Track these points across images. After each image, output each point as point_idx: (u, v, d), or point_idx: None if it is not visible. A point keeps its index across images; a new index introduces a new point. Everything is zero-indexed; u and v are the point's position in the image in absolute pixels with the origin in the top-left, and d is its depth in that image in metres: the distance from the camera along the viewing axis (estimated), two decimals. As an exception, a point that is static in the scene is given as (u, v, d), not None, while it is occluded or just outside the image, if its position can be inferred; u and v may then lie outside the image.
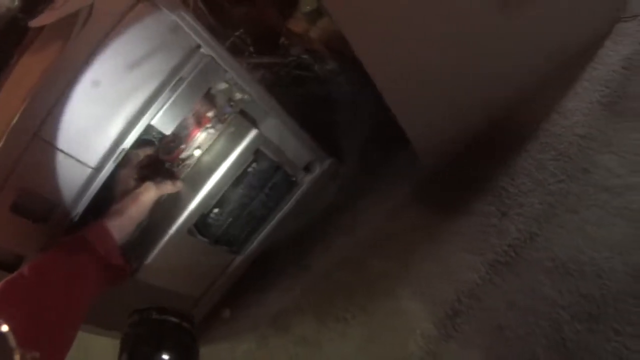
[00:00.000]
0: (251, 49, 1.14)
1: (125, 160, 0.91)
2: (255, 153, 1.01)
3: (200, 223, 1.05)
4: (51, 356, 0.81)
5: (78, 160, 0.85)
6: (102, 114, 0.84)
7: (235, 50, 1.07)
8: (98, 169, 0.88)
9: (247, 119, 1.00)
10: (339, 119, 1.18)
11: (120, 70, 0.82)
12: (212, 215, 1.05)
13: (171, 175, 1.00)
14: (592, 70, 1.06)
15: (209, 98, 0.97)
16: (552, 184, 0.98)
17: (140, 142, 0.91)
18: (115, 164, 0.88)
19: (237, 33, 1.12)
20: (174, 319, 0.86)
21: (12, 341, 0.63)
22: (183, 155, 1.01)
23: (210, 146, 1.00)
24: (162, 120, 0.89)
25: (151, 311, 0.86)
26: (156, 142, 1.00)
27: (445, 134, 1.02)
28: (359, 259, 1.11)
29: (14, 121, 0.79)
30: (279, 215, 1.16)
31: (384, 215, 1.12)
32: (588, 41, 1.08)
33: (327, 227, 1.20)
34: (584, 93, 1.04)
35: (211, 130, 1.00)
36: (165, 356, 0.82)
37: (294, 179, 1.14)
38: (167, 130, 0.90)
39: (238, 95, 0.97)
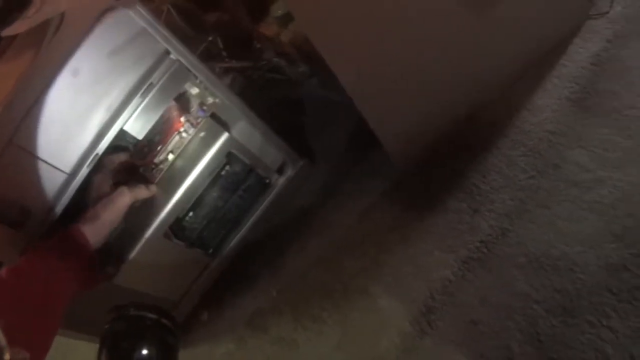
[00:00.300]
0: (224, 53, 1.16)
1: (100, 165, 0.92)
2: (227, 156, 1.02)
3: (176, 226, 1.06)
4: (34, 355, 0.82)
5: (53, 166, 0.87)
6: (76, 119, 0.85)
7: (209, 55, 1.08)
8: (73, 174, 0.89)
9: (218, 122, 1.01)
10: (312, 121, 1.19)
11: (91, 77, 0.84)
12: (187, 218, 1.06)
13: (145, 180, 1.02)
14: (561, 67, 1.08)
15: (182, 102, 0.99)
16: (523, 180, 0.99)
17: (114, 148, 0.92)
18: (90, 169, 0.89)
19: (209, 38, 1.13)
20: (152, 315, 0.86)
21: (3, 340, 0.64)
22: (157, 159, 1.02)
23: (183, 150, 1.01)
24: (134, 125, 0.90)
25: (129, 307, 0.87)
26: (130, 147, 1.01)
27: (415, 134, 1.03)
28: (333, 258, 1.12)
29: (-12, 129, 0.81)
30: (253, 217, 1.17)
31: (358, 215, 1.13)
32: (557, 38, 1.09)
33: (301, 228, 1.20)
34: (553, 90, 1.06)
35: (184, 134, 1.01)
36: (144, 351, 0.83)
37: (267, 181, 1.15)
38: (140, 135, 0.92)
39: (210, 99, 0.99)
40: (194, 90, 0.98)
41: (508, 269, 0.92)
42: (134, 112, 0.89)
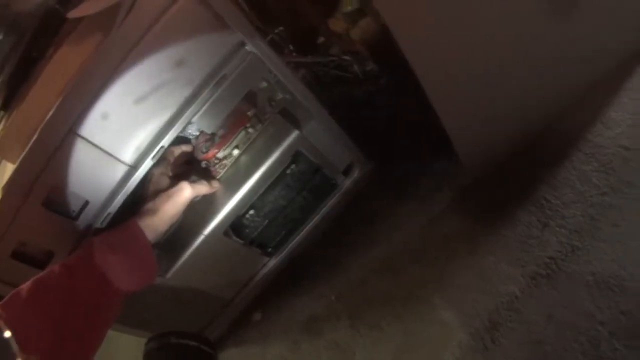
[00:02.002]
0: (290, 47, 1.11)
1: (161, 157, 0.89)
2: (294, 154, 0.98)
3: (236, 224, 1.02)
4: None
5: (114, 157, 0.84)
6: (142, 110, 0.82)
7: (275, 48, 1.04)
8: (135, 166, 0.86)
9: (288, 119, 0.97)
10: (378, 123, 1.15)
11: (161, 66, 0.80)
12: (247, 216, 1.02)
13: (207, 175, 0.98)
14: (637, 81, 1.04)
15: (250, 97, 0.94)
16: (595, 196, 0.96)
17: (176, 139, 0.89)
18: (154, 161, 0.86)
19: (276, 30, 1.08)
20: (193, 343, 0.85)
21: (14, 346, 0.62)
22: (220, 154, 0.98)
23: (249, 146, 0.97)
24: (203, 118, 0.87)
25: (170, 336, 0.85)
26: (192, 140, 0.97)
27: (490, 141, 1.00)
28: (397, 266, 1.08)
29: (49, 115, 0.78)
30: (316, 219, 1.14)
31: (423, 223, 1.10)
32: (635, 49, 1.06)
33: (365, 232, 1.17)
34: (629, 103, 1.02)
35: (250, 130, 0.97)
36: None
37: (333, 181, 1.11)
38: (208, 128, 0.88)
39: (279, 95, 0.94)
40: (263, 84, 0.93)
41: (575, 287, 0.89)
42: (204, 103, 0.84)
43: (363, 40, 1.05)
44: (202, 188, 0.95)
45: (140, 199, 0.91)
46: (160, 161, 0.90)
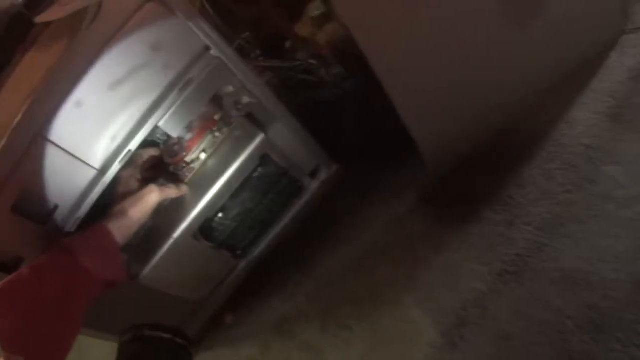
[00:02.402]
0: (257, 51, 1.13)
1: (129, 161, 0.89)
2: (261, 157, 1.00)
3: (205, 227, 1.03)
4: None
5: (82, 162, 0.84)
6: (109, 114, 0.83)
7: (242, 53, 1.05)
8: (103, 170, 0.86)
9: (254, 122, 0.98)
10: (344, 125, 1.17)
11: (128, 70, 0.81)
12: (216, 219, 1.03)
13: (175, 179, 0.99)
14: (598, 81, 1.07)
15: (216, 100, 0.96)
16: (560, 193, 0.98)
17: (144, 143, 0.89)
18: (121, 165, 0.86)
19: (243, 36, 1.10)
20: (166, 335, 0.85)
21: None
22: (188, 158, 0.99)
23: (216, 150, 0.99)
24: (168, 122, 0.88)
25: (144, 328, 0.85)
26: (161, 144, 0.98)
27: (454, 142, 1.02)
28: (365, 266, 1.10)
29: (17, 120, 0.77)
30: (284, 221, 1.15)
31: (391, 223, 1.12)
32: (594, 52, 1.09)
33: (333, 233, 1.19)
34: (590, 103, 1.05)
35: (217, 134, 0.98)
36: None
37: (299, 184, 1.12)
38: (174, 132, 0.89)
39: (245, 99, 0.96)
40: (229, 89, 0.95)
41: (542, 283, 0.91)
42: (170, 108, 0.85)
43: (329, 44, 1.07)
44: (170, 191, 0.96)
45: (110, 202, 0.92)
46: (129, 165, 0.91)
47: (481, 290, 0.95)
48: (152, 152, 0.98)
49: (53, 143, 0.79)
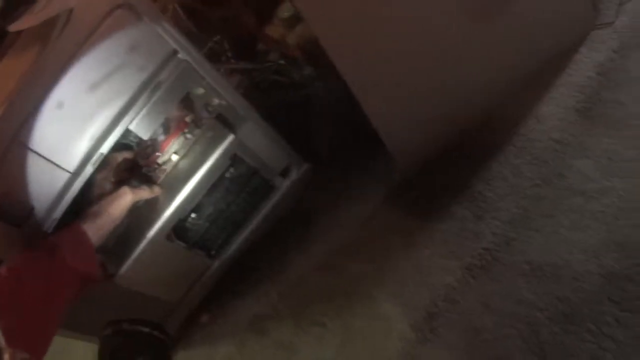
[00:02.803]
0: (229, 54, 1.15)
1: (103, 163, 0.92)
2: (232, 158, 1.02)
3: (178, 228, 1.05)
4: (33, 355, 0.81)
5: (57, 165, 0.86)
6: (81, 118, 0.85)
7: (213, 56, 1.08)
8: (76, 173, 0.88)
9: (224, 124, 1.00)
10: (315, 124, 1.19)
11: (99, 75, 0.83)
12: (190, 219, 1.05)
13: (148, 180, 1.01)
14: (567, 77, 1.08)
15: (187, 103, 0.98)
16: (528, 188, 0.99)
17: (118, 146, 0.92)
18: (94, 168, 0.89)
19: (214, 39, 1.12)
20: (145, 329, 0.87)
21: (2, 341, 0.64)
22: (160, 159, 1.01)
23: (188, 151, 1.01)
24: (139, 124, 0.90)
25: (123, 323, 0.88)
26: (134, 146, 1.01)
27: (421, 139, 1.03)
28: (336, 263, 1.11)
29: (-8, 125, 0.80)
30: (256, 220, 1.17)
31: (362, 220, 1.13)
32: (564, 47, 1.10)
33: (304, 231, 1.20)
34: (559, 98, 1.06)
35: (188, 135, 1.00)
36: (139, 365, 0.84)
37: (271, 183, 1.14)
38: (145, 134, 0.91)
39: (215, 101, 0.98)
40: (199, 91, 0.97)
41: (511, 276, 0.92)
42: (140, 111, 0.88)
43: (299, 45, 1.08)
44: (143, 192, 0.98)
45: (85, 203, 0.94)
46: (102, 167, 0.93)
47: (451, 284, 0.96)
48: (126, 154, 1.00)
49: (27, 147, 0.82)
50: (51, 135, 0.83)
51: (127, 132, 0.90)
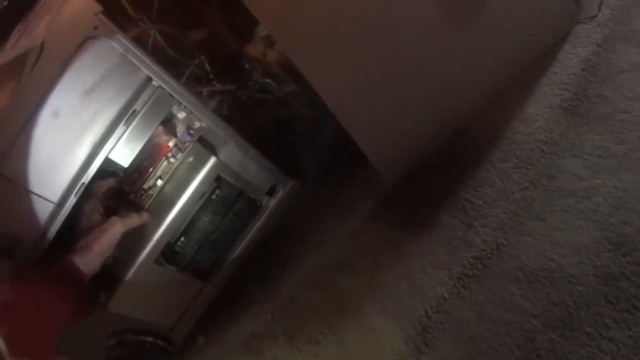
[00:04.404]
0: (211, 75, 1.16)
1: (89, 193, 0.93)
2: (216, 180, 1.02)
3: (168, 252, 1.05)
4: None
5: (40, 196, 0.87)
6: (60, 150, 0.86)
7: (197, 78, 1.08)
8: (60, 204, 0.89)
9: (206, 146, 1.01)
10: (300, 140, 1.19)
11: (74, 107, 0.85)
12: (179, 243, 1.05)
13: (136, 207, 1.01)
14: (551, 75, 1.06)
15: (169, 127, 0.99)
16: (516, 192, 0.97)
17: (103, 174, 0.92)
18: (77, 198, 0.89)
19: (195, 62, 1.13)
20: (148, 338, 0.88)
21: (3, 347, 0.65)
22: (146, 185, 1.01)
23: (172, 175, 1.01)
24: (120, 153, 0.91)
25: (126, 333, 0.89)
26: (120, 174, 1.01)
27: (403, 148, 1.02)
28: (327, 278, 1.11)
29: (-29, 163, 0.81)
30: (245, 240, 1.17)
31: (350, 234, 1.13)
32: (546, 45, 1.08)
33: (294, 249, 1.20)
34: (544, 98, 1.04)
35: (172, 160, 1.01)
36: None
37: (258, 203, 1.14)
38: (126, 162, 0.92)
39: (197, 123, 0.99)
40: (181, 115, 0.98)
41: (504, 284, 0.90)
42: (118, 140, 0.89)
43: (280, 62, 1.09)
44: (132, 220, 0.98)
45: (74, 234, 0.95)
46: (89, 197, 0.94)
47: (442, 295, 0.94)
48: (111, 182, 1.01)
49: (10, 180, 0.83)
50: (33, 167, 0.85)
51: (109, 161, 0.91)
